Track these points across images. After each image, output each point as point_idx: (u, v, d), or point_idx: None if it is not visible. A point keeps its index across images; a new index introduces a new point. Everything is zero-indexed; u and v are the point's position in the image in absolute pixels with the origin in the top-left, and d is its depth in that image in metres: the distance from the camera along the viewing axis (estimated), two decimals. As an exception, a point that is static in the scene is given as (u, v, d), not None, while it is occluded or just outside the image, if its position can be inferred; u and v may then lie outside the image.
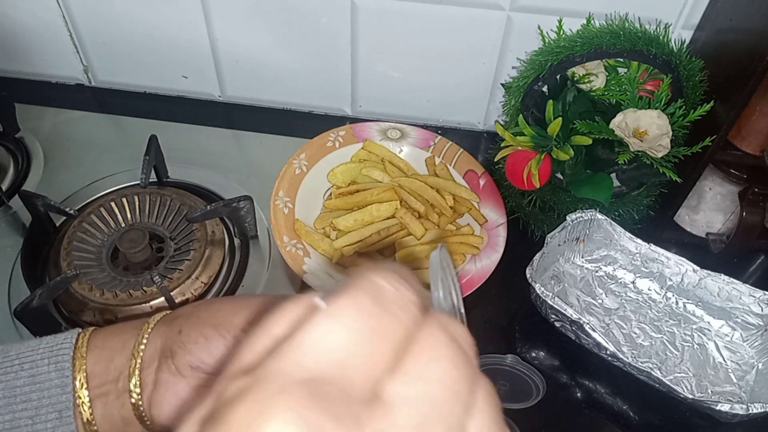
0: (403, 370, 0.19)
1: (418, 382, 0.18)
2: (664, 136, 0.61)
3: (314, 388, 0.17)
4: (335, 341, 0.18)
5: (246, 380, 0.18)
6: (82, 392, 0.37)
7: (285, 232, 0.69)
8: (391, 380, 0.18)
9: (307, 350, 0.18)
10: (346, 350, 0.18)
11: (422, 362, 0.19)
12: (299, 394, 0.17)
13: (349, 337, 0.18)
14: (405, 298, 0.20)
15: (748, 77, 0.57)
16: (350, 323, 0.19)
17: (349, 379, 0.18)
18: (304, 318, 0.19)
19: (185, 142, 0.82)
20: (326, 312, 0.19)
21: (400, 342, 0.19)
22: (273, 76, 0.85)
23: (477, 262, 0.68)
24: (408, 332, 0.19)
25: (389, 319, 0.19)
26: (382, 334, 0.19)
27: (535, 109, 0.68)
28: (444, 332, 0.20)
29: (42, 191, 0.70)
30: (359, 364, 0.18)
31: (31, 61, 0.88)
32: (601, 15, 0.69)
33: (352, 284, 0.20)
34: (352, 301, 0.19)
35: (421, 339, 0.19)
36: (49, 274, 0.67)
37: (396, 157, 0.78)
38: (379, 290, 0.20)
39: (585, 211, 0.69)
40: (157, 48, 0.84)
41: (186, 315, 0.39)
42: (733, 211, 0.72)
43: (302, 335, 0.18)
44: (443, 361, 0.19)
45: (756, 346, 0.65)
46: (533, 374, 0.61)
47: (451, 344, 0.20)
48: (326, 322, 0.19)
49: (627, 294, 0.70)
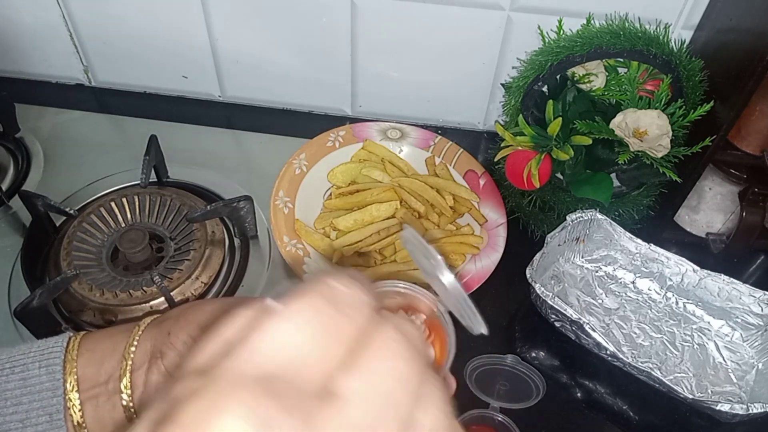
0: (355, 366, 0.19)
1: (369, 376, 0.19)
2: (664, 136, 0.61)
3: (265, 383, 0.18)
4: (287, 339, 0.19)
5: (198, 380, 0.18)
6: (72, 395, 0.37)
7: (285, 232, 0.69)
8: (343, 376, 0.19)
9: (260, 349, 0.19)
10: (298, 348, 0.19)
11: (373, 358, 0.20)
12: (249, 390, 0.17)
13: (302, 336, 0.19)
14: (358, 299, 0.21)
15: (748, 77, 0.57)
16: (303, 322, 0.19)
17: (301, 375, 0.18)
18: (256, 320, 0.19)
19: (185, 142, 0.82)
20: (279, 312, 0.19)
21: (352, 340, 0.20)
22: (273, 76, 0.85)
23: (477, 262, 0.68)
24: (360, 331, 0.20)
25: (341, 318, 0.20)
26: (334, 332, 0.20)
27: (535, 109, 0.68)
28: (395, 330, 0.21)
29: (42, 191, 0.70)
30: (311, 362, 0.19)
31: (31, 61, 0.88)
32: (601, 15, 0.69)
33: (306, 286, 0.20)
34: (305, 302, 0.20)
35: (373, 337, 0.20)
36: (49, 274, 0.67)
37: (396, 157, 0.78)
38: (332, 291, 0.20)
39: (585, 211, 0.69)
40: (157, 48, 0.84)
41: (175, 317, 0.40)
42: (733, 211, 0.72)
43: (255, 335, 0.19)
44: (393, 357, 0.20)
45: (756, 346, 0.65)
46: (533, 374, 0.61)
47: (402, 341, 0.20)
48: (279, 321, 0.19)
49: (627, 294, 0.70)
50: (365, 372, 0.19)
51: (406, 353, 0.20)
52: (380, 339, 0.20)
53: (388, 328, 0.21)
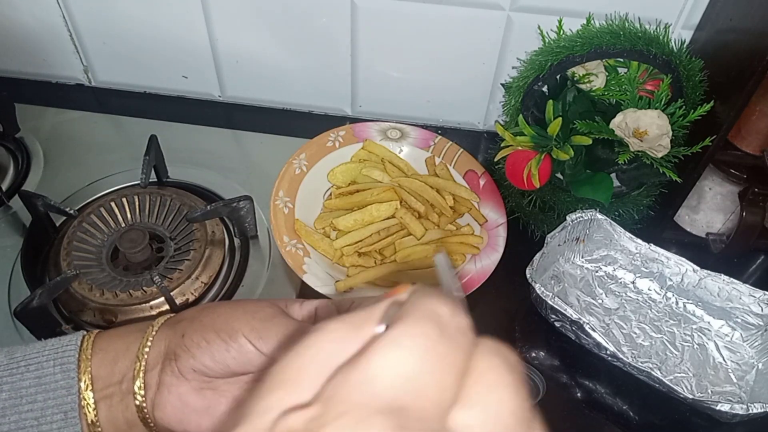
0: (471, 398, 0.18)
1: (487, 410, 0.18)
2: (664, 136, 0.61)
3: (396, 417, 0.16)
4: (406, 369, 0.18)
5: (315, 410, 0.17)
6: (87, 394, 0.37)
7: (285, 232, 0.69)
8: (460, 410, 0.18)
9: (379, 378, 0.17)
10: (417, 378, 0.18)
11: (488, 390, 0.19)
12: (383, 424, 0.16)
13: (419, 365, 0.18)
14: (463, 324, 0.20)
15: (748, 77, 0.57)
16: (418, 351, 0.18)
17: (423, 408, 0.17)
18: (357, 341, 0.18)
19: (185, 142, 0.82)
20: (392, 338, 0.18)
21: (462, 369, 0.19)
22: (273, 76, 0.85)
23: (477, 262, 0.68)
24: (468, 358, 0.19)
25: (452, 345, 0.19)
26: (447, 361, 0.18)
27: (535, 109, 0.68)
28: (500, 356, 0.20)
29: (42, 191, 0.70)
30: (431, 394, 0.18)
31: (31, 61, 0.88)
32: (601, 15, 0.69)
33: (411, 309, 0.19)
34: (417, 328, 0.18)
35: (482, 366, 0.19)
36: (49, 274, 0.67)
37: (396, 157, 0.78)
38: (439, 316, 0.19)
39: (585, 211, 0.69)
40: (157, 48, 0.84)
41: (189, 319, 0.40)
42: (733, 211, 0.72)
43: (369, 361, 0.18)
44: (506, 389, 0.19)
45: (756, 346, 0.65)
46: (533, 374, 0.61)
47: (510, 369, 0.19)
48: (394, 348, 0.18)
49: (627, 294, 0.70)
50: (483, 405, 0.18)
51: (516, 383, 0.19)
52: (491, 368, 0.19)
53: (492, 354, 0.19)
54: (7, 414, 0.36)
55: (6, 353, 0.39)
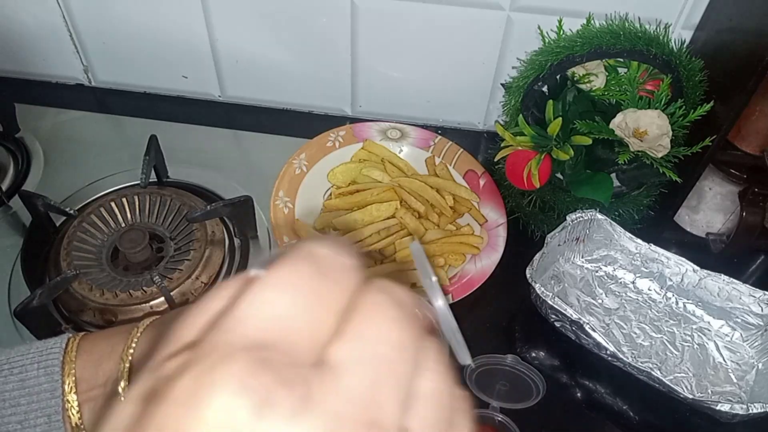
0: (348, 332, 0.18)
1: (363, 343, 0.18)
2: (664, 136, 0.61)
3: (258, 354, 0.17)
4: (276, 307, 0.18)
5: (186, 355, 0.17)
6: (71, 396, 0.37)
7: (285, 232, 0.69)
8: (336, 343, 0.18)
9: (248, 319, 0.18)
10: (288, 316, 0.18)
11: (366, 324, 0.19)
12: (243, 362, 0.16)
13: (290, 303, 0.18)
14: (344, 263, 0.20)
15: (748, 77, 0.57)
16: (290, 289, 0.18)
17: (293, 344, 0.18)
18: (242, 290, 0.19)
19: (185, 142, 0.82)
20: (264, 280, 0.19)
21: (342, 306, 0.19)
22: (273, 76, 0.85)
23: (477, 262, 0.68)
24: (349, 296, 0.19)
25: (329, 283, 0.19)
26: (323, 298, 0.19)
27: (535, 109, 0.68)
28: (385, 294, 0.20)
29: (42, 191, 0.70)
30: (302, 330, 0.18)
31: (31, 61, 0.88)
32: (601, 15, 0.69)
33: (289, 253, 0.19)
34: (291, 268, 0.19)
35: (364, 302, 0.19)
36: (49, 274, 0.67)
37: (396, 157, 0.78)
38: (318, 257, 0.19)
39: (585, 211, 0.69)
40: (157, 48, 0.84)
41: (174, 319, 0.39)
42: (733, 211, 0.72)
43: (241, 305, 0.18)
44: (387, 322, 0.19)
45: (756, 346, 0.65)
46: (533, 374, 0.61)
47: (394, 305, 0.19)
48: (265, 289, 0.18)
49: (627, 294, 0.70)
50: (359, 338, 0.18)
51: (399, 317, 0.19)
52: (371, 303, 0.19)
53: (377, 292, 0.20)
54: None
55: None
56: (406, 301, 0.20)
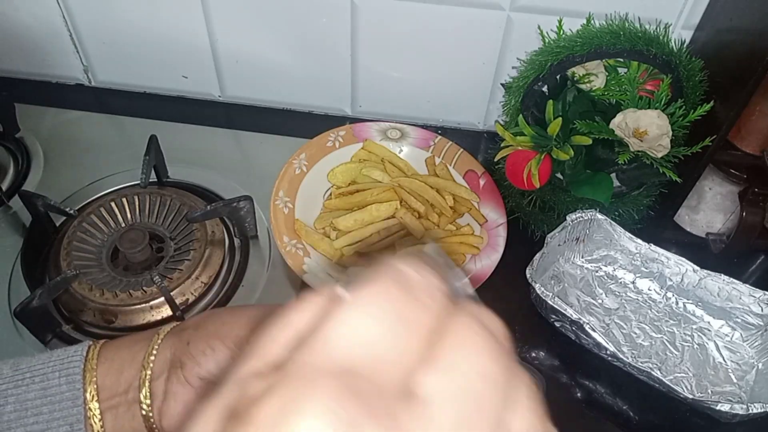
0: (437, 362, 0.17)
1: (454, 374, 0.17)
2: (664, 136, 0.61)
3: (347, 381, 0.16)
4: (365, 332, 0.17)
5: (273, 376, 0.17)
6: (92, 404, 0.37)
7: (285, 232, 0.69)
8: (425, 373, 0.17)
9: (335, 341, 0.17)
10: (377, 341, 0.17)
11: (457, 353, 0.18)
12: (331, 388, 0.16)
13: (379, 327, 0.17)
14: (432, 285, 0.19)
15: (748, 77, 0.57)
16: (379, 313, 0.17)
17: (381, 372, 0.17)
18: (327, 309, 0.18)
19: (185, 142, 0.82)
20: (352, 302, 0.18)
21: (430, 332, 0.18)
22: (273, 76, 0.85)
23: (477, 262, 0.68)
24: (438, 320, 0.18)
25: (418, 306, 0.18)
26: (412, 323, 0.18)
27: (535, 109, 0.68)
28: (476, 321, 0.19)
29: (42, 191, 0.70)
30: (391, 356, 0.17)
31: (31, 61, 0.88)
32: (601, 15, 0.69)
33: (376, 273, 0.18)
34: (379, 290, 0.18)
35: (453, 328, 0.18)
36: (49, 274, 0.67)
37: (396, 157, 0.78)
38: (406, 278, 0.18)
39: (585, 211, 0.69)
40: (157, 48, 0.84)
41: (194, 326, 0.40)
42: (733, 211, 0.72)
43: (329, 327, 0.17)
44: (479, 352, 0.18)
45: (756, 346, 0.65)
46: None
47: (486, 334, 0.18)
48: (353, 312, 0.17)
49: (627, 294, 0.70)
50: (449, 369, 0.17)
51: (492, 348, 0.18)
52: (461, 331, 0.18)
53: (468, 319, 0.18)
54: (13, 427, 0.36)
55: (11, 365, 0.38)
56: (497, 329, 0.19)
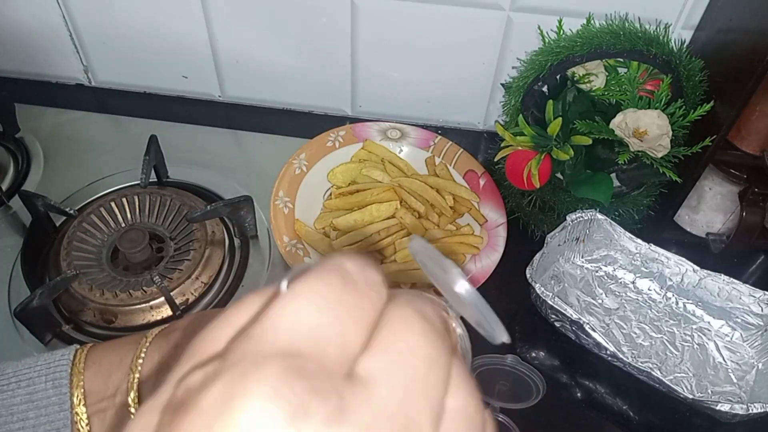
0: (378, 346, 0.18)
1: (395, 356, 0.18)
2: (664, 136, 0.61)
3: (291, 362, 0.16)
4: (306, 318, 0.18)
5: (214, 365, 0.17)
6: (79, 409, 0.37)
7: (285, 232, 0.69)
8: (367, 356, 0.18)
9: (278, 328, 0.17)
10: (318, 326, 0.18)
11: (396, 338, 0.18)
12: (277, 368, 0.16)
13: (320, 313, 0.18)
14: (372, 277, 0.20)
15: (748, 77, 0.57)
16: (320, 300, 0.18)
17: (324, 355, 0.17)
18: (269, 302, 0.18)
19: (185, 142, 0.82)
20: (294, 291, 0.18)
21: (371, 320, 0.19)
22: (273, 76, 0.85)
23: (477, 262, 0.68)
24: (377, 310, 0.19)
25: (358, 296, 0.19)
26: (352, 310, 0.18)
27: (535, 109, 0.68)
28: (413, 308, 0.19)
29: (42, 191, 0.70)
30: (333, 341, 0.18)
31: (31, 61, 0.88)
32: (601, 15, 0.69)
33: (316, 266, 0.19)
34: (319, 280, 0.19)
35: (392, 316, 0.19)
36: (49, 274, 0.67)
37: (396, 157, 0.78)
38: (346, 270, 0.19)
39: (585, 211, 0.69)
40: (157, 48, 0.84)
41: (182, 329, 0.39)
42: (733, 211, 0.72)
43: (270, 315, 0.18)
44: (417, 336, 0.19)
45: (756, 346, 0.65)
46: (533, 374, 0.61)
47: (423, 319, 0.19)
48: (295, 299, 0.18)
49: (627, 294, 0.70)
50: (390, 352, 0.18)
51: (429, 331, 0.19)
52: (400, 317, 0.19)
53: (405, 306, 0.19)
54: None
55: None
56: (433, 316, 0.20)
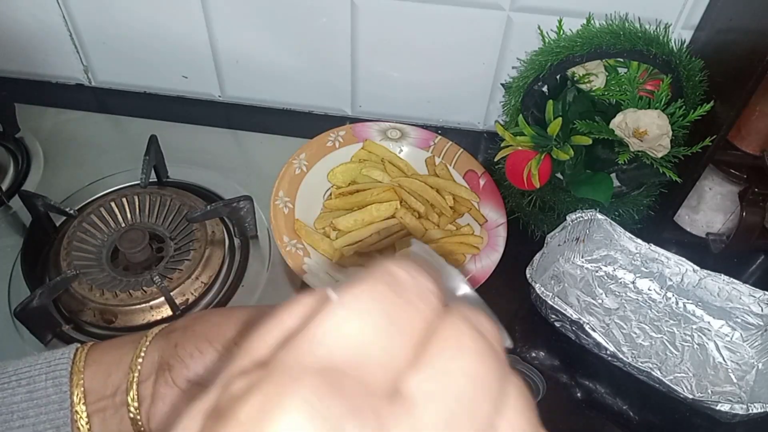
0: (426, 363, 0.17)
1: (442, 376, 0.17)
2: (664, 136, 0.61)
3: (330, 378, 0.16)
4: (351, 331, 0.17)
5: (257, 373, 0.17)
6: (79, 407, 0.37)
7: (285, 232, 0.69)
8: (412, 374, 0.17)
9: (322, 340, 0.17)
10: (364, 341, 0.17)
11: (446, 355, 0.18)
12: (314, 384, 0.16)
13: (366, 327, 0.17)
14: (423, 287, 0.19)
15: (748, 77, 0.57)
16: (366, 312, 0.17)
17: (367, 371, 0.17)
18: (316, 310, 0.18)
19: (185, 142, 0.82)
20: (341, 302, 0.18)
21: (420, 333, 0.18)
22: (273, 76, 0.85)
23: (477, 262, 0.68)
24: (429, 323, 0.18)
25: (408, 308, 0.18)
26: (401, 324, 0.18)
27: (535, 109, 0.68)
28: (468, 324, 0.18)
29: (42, 191, 0.70)
30: (378, 356, 0.17)
31: (31, 61, 0.88)
32: (601, 15, 0.69)
33: (368, 274, 0.18)
34: (368, 290, 0.18)
35: (444, 331, 0.18)
36: (49, 274, 0.67)
37: (396, 157, 0.78)
38: (396, 279, 0.18)
39: (585, 211, 0.69)
40: (157, 48, 0.84)
41: (182, 328, 0.39)
42: (733, 211, 0.72)
43: (316, 326, 0.17)
44: (469, 355, 0.18)
45: (756, 346, 0.65)
46: (533, 374, 0.61)
47: (477, 336, 0.18)
48: (341, 311, 0.17)
49: (627, 294, 0.70)
50: (438, 371, 0.17)
51: (481, 349, 0.18)
52: (452, 333, 0.18)
53: (459, 321, 0.18)
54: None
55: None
56: (490, 332, 0.19)
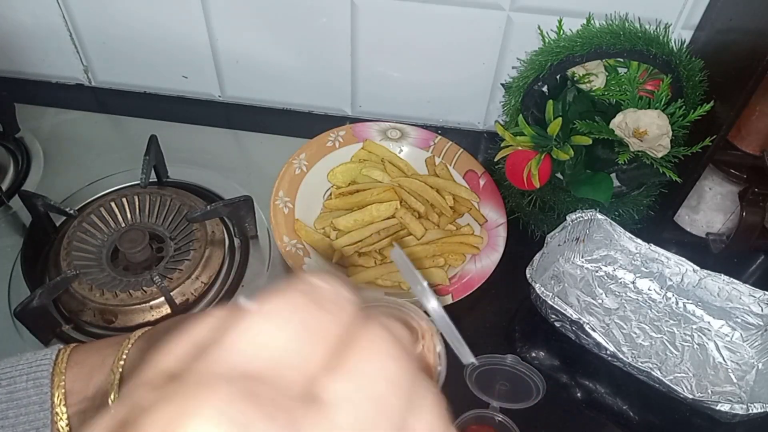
0: (341, 367, 0.18)
1: (356, 378, 0.17)
2: (664, 136, 0.61)
3: (245, 385, 0.16)
4: (265, 338, 0.17)
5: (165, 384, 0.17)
6: (60, 409, 0.37)
7: (285, 232, 0.69)
8: (328, 378, 0.17)
9: (235, 349, 0.17)
10: (278, 348, 0.17)
11: (360, 359, 0.18)
12: (227, 392, 0.16)
13: (281, 334, 0.17)
14: (341, 295, 0.19)
15: (748, 77, 0.57)
16: (282, 319, 0.18)
17: (282, 377, 0.17)
18: (229, 321, 0.18)
19: (185, 142, 0.82)
20: (256, 310, 0.18)
21: (336, 339, 0.18)
22: (273, 76, 0.85)
23: (477, 262, 0.68)
24: (345, 330, 0.19)
25: (324, 315, 0.18)
26: (317, 330, 0.18)
27: (535, 109, 0.68)
28: (383, 329, 0.19)
29: (42, 191, 0.70)
30: (294, 362, 0.17)
31: (31, 61, 0.88)
32: (601, 15, 0.69)
33: (283, 284, 0.19)
34: (283, 299, 0.18)
35: (360, 336, 0.19)
36: (49, 274, 0.67)
37: (396, 157, 0.78)
38: (313, 288, 0.19)
39: (585, 211, 0.69)
40: (157, 48, 0.84)
41: (164, 331, 0.39)
42: (733, 211, 0.72)
43: (228, 335, 0.17)
44: (383, 358, 0.18)
45: (756, 346, 0.65)
46: (533, 374, 0.61)
47: (391, 340, 0.19)
48: (255, 319, 0.18)
49: (627, 294, 0.70)
50: (352, 373, 0.17)
51: (396, 353, 0.18)
52: (367, 338, 0.18)
53: (374, 327, 0.19)
54: None
55: None
56: (403, 338, 0.19)
